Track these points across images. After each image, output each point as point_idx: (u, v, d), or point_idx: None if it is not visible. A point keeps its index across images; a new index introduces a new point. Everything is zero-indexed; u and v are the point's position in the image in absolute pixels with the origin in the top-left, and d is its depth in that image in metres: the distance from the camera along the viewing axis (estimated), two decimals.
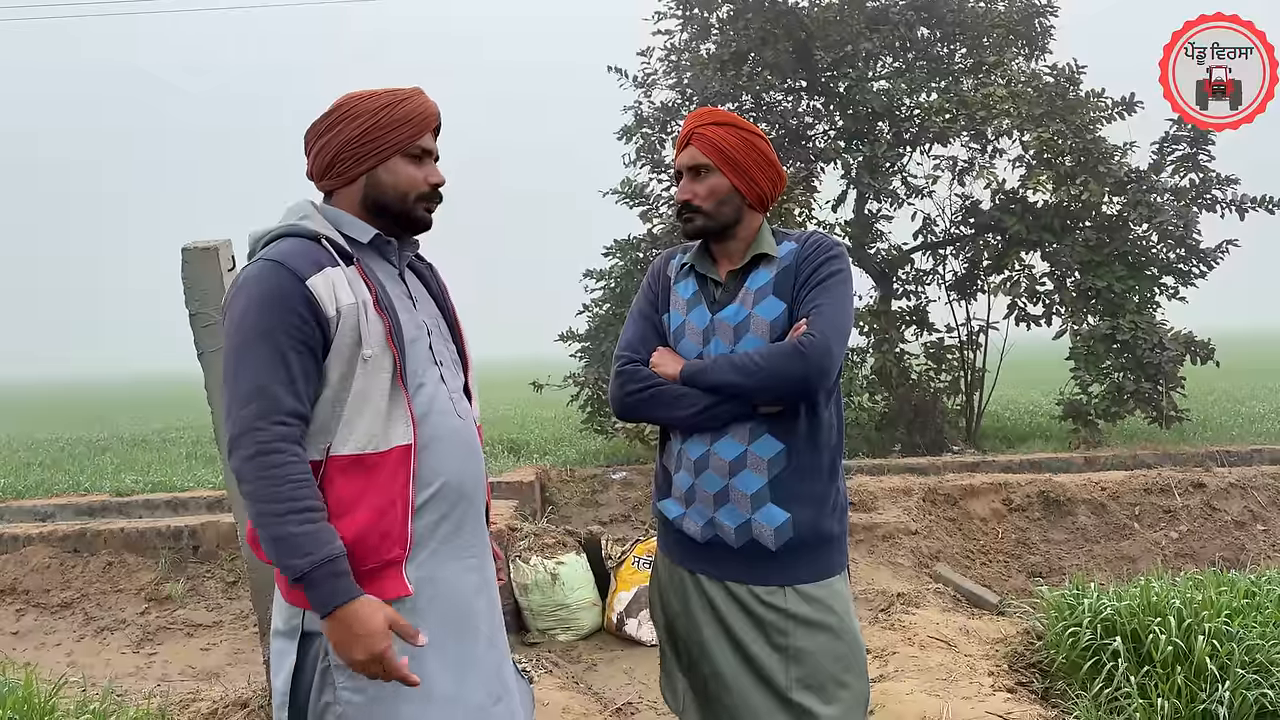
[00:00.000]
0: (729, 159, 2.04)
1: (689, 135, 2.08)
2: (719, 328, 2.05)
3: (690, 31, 9.69)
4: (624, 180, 9.41)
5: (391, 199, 1.81)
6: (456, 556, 1.80)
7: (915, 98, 9.04)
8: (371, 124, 1.77)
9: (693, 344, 2.08)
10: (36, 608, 5.39)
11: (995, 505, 6.25)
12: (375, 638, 1.60)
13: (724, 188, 2.05)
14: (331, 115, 1.80)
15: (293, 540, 1.58)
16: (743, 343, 2.02)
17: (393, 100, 1.79)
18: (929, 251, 9.61)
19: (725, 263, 2.12)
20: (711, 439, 2.02)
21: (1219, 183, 8.42)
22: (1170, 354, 8.16)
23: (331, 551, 1.60)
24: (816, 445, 2.03)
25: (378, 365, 1.70)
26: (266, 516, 1.59)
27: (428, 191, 1.83)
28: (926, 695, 3.40)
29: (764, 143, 2.09)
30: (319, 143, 1.81)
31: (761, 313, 2.01)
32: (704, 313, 2.08)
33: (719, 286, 2.09)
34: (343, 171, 1.80)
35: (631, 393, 2.09)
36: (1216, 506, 6.22)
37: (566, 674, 4.30)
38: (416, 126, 1.80)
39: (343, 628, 1.60)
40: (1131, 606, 3.59)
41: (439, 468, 1.76)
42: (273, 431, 1.61)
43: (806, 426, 2.01)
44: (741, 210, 2.08)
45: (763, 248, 2.07)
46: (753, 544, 2.00)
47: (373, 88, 1.83)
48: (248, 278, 1.69)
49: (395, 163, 1.80)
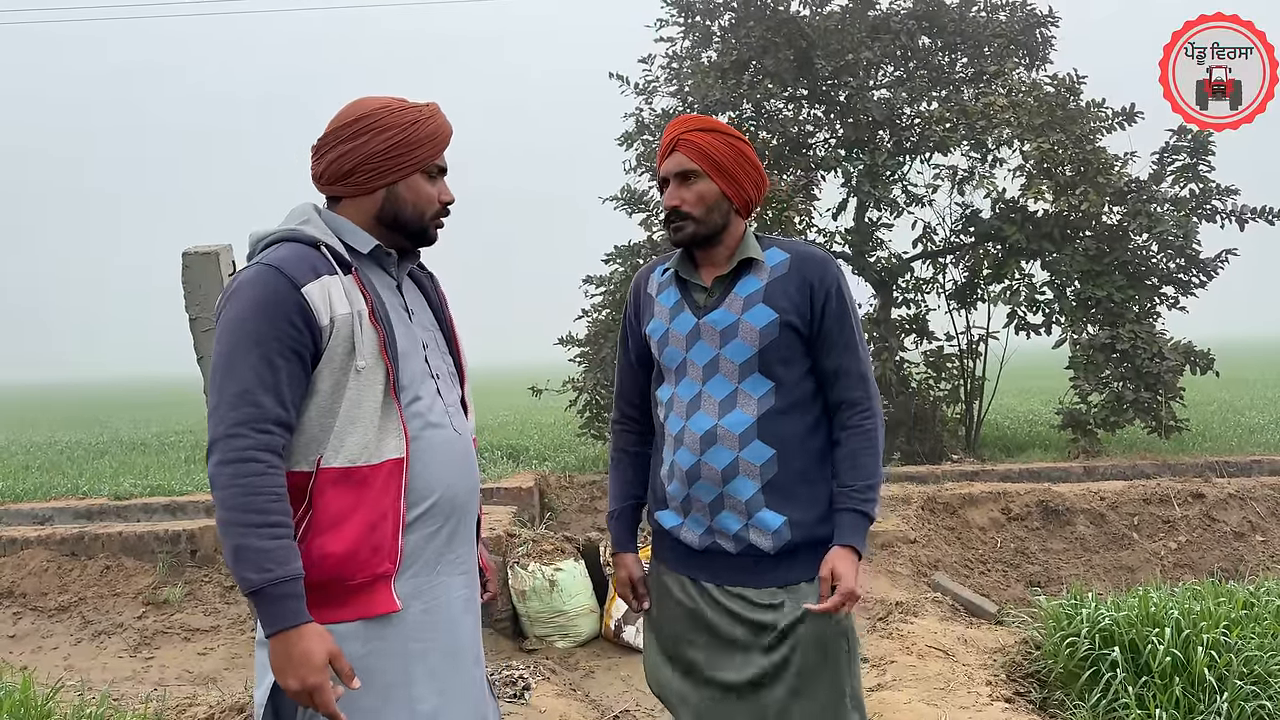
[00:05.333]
0: (716, 164, 2.03)
1: (674, 142, 2.07)
2: (705, 331, 2.05)
3: (692, 39, 9.71)
4: (624, 187, 9.43)
5: (410, 215, 1.80)
6: (446, 573, 1.78)
7: (916, 107, 9.06)
8: (401, 139, 1.75)
9: (676, 350, 2.08)
10: (34, 611, 5.39)
11: (994, 514, 6.25)
12: (311, 670, 1.55)
13: (712, 193, 2.04)
14: (358, 124, 1.76)
15: (253, 553, 1.55)
16: (729, 347, 2.01)
17: (419, 117, 1.78)
18: (929, 260, 9.62)
19: (710, 269, 2.11)
20: (702, 448, 2.01)
21: (1219, 193, 8.43)
22: (1170, 364, 8.16)
23: (289, 572, 1.56)
24: (809, 446, 2.03)
25: (371, 377, 1.68)
26: (231, 525, 1.57)
27: (440, 209, 1.84)
28: (924, 705, 3.40)
29: (748, 148, 2.09)
30: (340, 149, 1.77)
31: (751, 319, 2.01)
32: (689, 318, 2.08)
33: (705, 292, 2.09)
34: (362, 183, 1.78)
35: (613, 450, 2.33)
36: (1215, 517, 6.22)
37: (564, 681, 4.29)
38: (439, 145, 1.80)
39: (283, 652, 1.56)
40: (1130, 617, 3.58)
41: (432, 482, 1.74)
42: (254, 439, 1.58)
43: (795, 429, 2.01)
44: (729, 215, 2.07)
45: (749, 252, 2.06)
46: (750, 549, 2.01)
47: (385, 96, 1.81)
48: (243, 281, 1.67)
49: (415, 179, 1.79)
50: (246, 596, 1.58)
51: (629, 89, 9.61)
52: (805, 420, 2.03)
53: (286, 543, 1.58)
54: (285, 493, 1.61)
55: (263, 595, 1.55)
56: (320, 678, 1.56)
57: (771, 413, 2.00)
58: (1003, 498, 6.33)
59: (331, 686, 1.58)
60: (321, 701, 1.57)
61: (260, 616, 1.58)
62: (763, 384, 2.01)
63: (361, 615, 1.67)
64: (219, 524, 1.60)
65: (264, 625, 1.58)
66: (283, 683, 1.58)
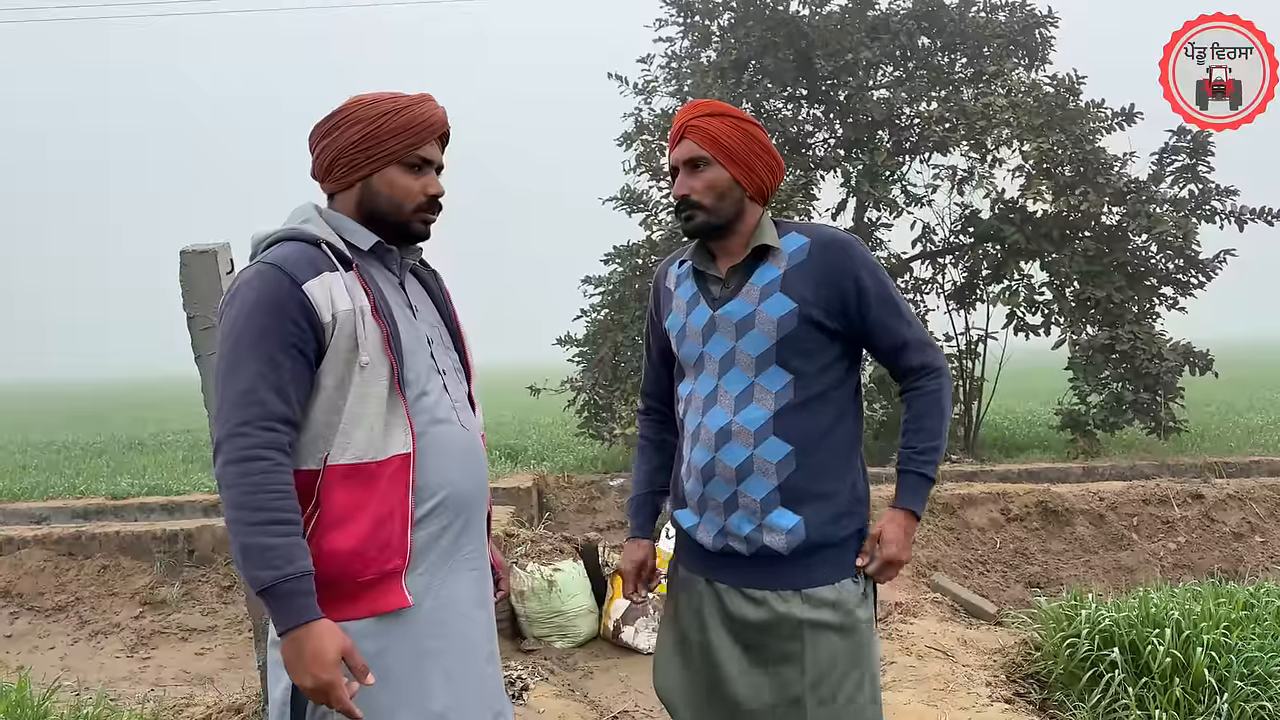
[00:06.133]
0: (726, 150, 1.95)
1: (682, 129, 2.00)
2: (721, 323, 1.99)
3: (691, 39, 9.70)
4: (624, 187, 9.43)
5: (386, 209, 1.77)
6: (457, 568, 1.78)
7: (915, 107, 9.05)
8: (369, 131, 1.73)
9: (693, 345, 2.03)
10: (31, 611, 5.38)
11: (993, 515, 6.25)
12: (323, 667, 1.53)
13: (723, 180, 1.96)
14: (334, 118, 1.76)
15: (262, 551, 1.54)
16: (745, 339, 1.95)
17: (393, 108, 1.74)
18: (928, 260, 9.61)
19: (725, 259, 2.03)
20: (717, 445, 1.96)
21: (1218, 194, 8.43)
22: (1169, 364, 8.16)
23: (299, 568, 1.55)
24: (826, 442, 1.96)
25: (375, 373, 1.67)
26: (240, 524, 1.56)
27: (425, 202, 1.79)
28: (924, 705, 3.39)
29: (760, 131, 2.01)
30: (320, 144, 1.78)
31: (769, 310, 1.94)
32: (704, 311, 2.02)
33: (720, 283, 2.03)
34: (340, 177, 1.77)
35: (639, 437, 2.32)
36: (1215, 518, 6.22)
37: (562, 681, 4.28)
38: (416, 135, 1.75)
39: (295, 649, 1.55)
40: (1129, 617, 3.58)
41: (441, 478, 1.73)
42: (259, 437, 1.58)
43: (814, 424, 1.95)
44: (743, 203, 2.00)
45: (764, 239, 1.97)
46: (764, 549, 1.95)
47: (380, 91, 1.79)
48: (245, 281, 1.67)
49: (391, 172, 1.75)
50: (258, 596, 1.57)
51: (628, 89, 9.61)
52: (827, 415, 1.96)
53: (295, 539, 1.57)
54: (292, 490, 1.60)
55: (272, 593, 1.54)
56: (333, 674, 1.54)
57: (790, 407, 1.93)
58: (1002, 498, 6.33)
59: (346, 683, 1.56)
60: (336, 698, 1.55)
61: (271, 615, 1.57)
62: (781, 377, 1.94)
63: (373, 612, 1.66)
64: (228, 523, 1.59)
65: (275, 623, 1.57)
66: (296, 680, 1.57)
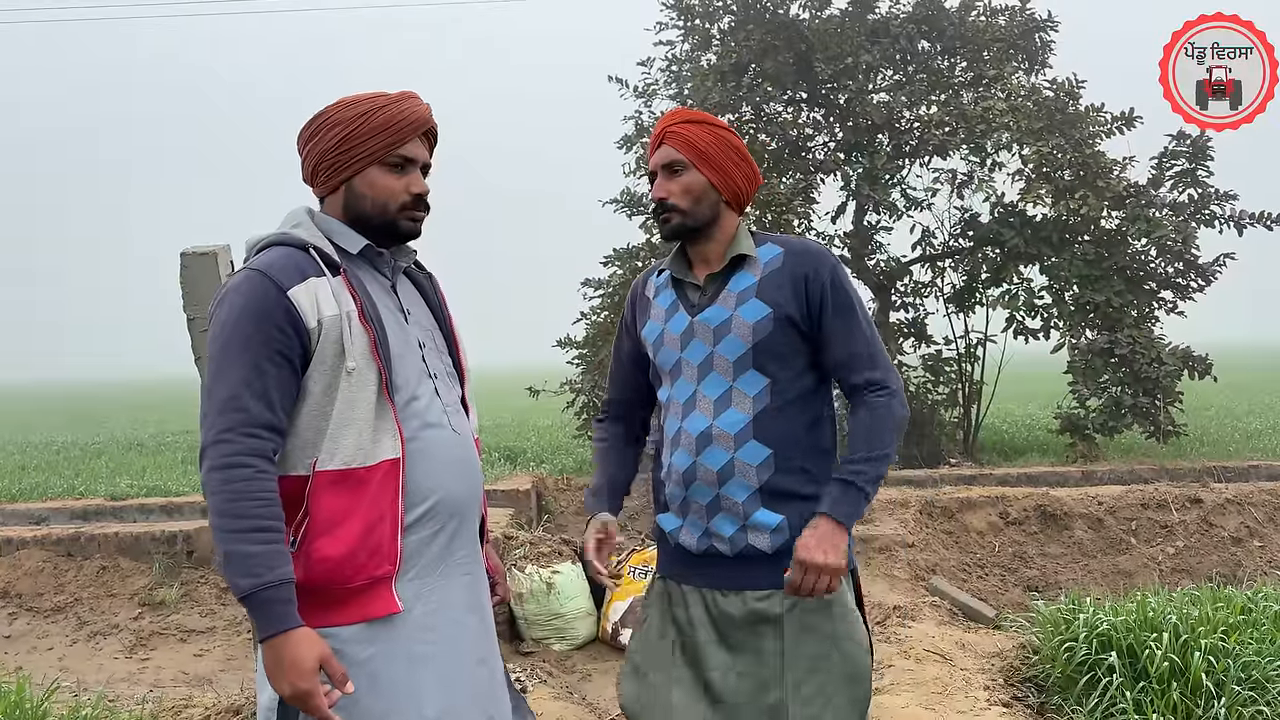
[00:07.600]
0: (703, 155, 2.01)
1: (662, 135, 2.06)
2: (698, 329, 2.03)
3: (691, 42, 9.71)
4: (623, 190, 9.44)
5: (370, 210, 1.76)
6: (448, 574, 1.77)
7: (915, 110, 9.06)
8: (347, 133, 1.72)
9: (671, 350, 2.07)
10: (29, 611, 5.38)
11: (992, 519, 6.25)
12: (301, 675, 1.53)
13: (699, 184, 2.02)
14: (315, 121, 1.76)
15: (244, 558, 1.54)
16: (722, 344, 2.00)
17: (371, 108, 1.72)
18: (928, 264, 9.62)
19: (703, 267, 2.09)
20: (698, 449, 2.00)
21: (1217, 198, 8.43)
22: (1168, 368, 8.16)
23: (278, 576, 1.55)
24: (809, 444, 2.01)
25: (362, 378, 1.67)
26: (223, 531, 1.56)
27: (409, 201, 1.77)
28: (922, 709, 3.39)
29: (737, 139, 2.07)
30: (305, 148, 1.78)
31: (745, 315, 1.99)
32: (683, 318, 2.06)
33: (699, 290, 2.07)
34: (325, 180, 1.77)
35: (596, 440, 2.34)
36: (1213, 522, 6.22)
37: (561, 684, 4.28)
38: (395, 134, 1.73)
39: (274, 657, 1.55)
40: (1128, 622, 3.58)
41: (431, 482, 1.72)
42: (243, 444, 1.57)
43: (792, 427, 1.99)
44: (719, 208, 2.05)
45: (741, 249, 2.04)
46: (748, 549, 1.99)
47: (361, 92, 1.78)
48: (232, 286, 1.67)
49: (372, 173, 1.74)
50: (240, 602, 1.58)
51: (628, 92, 9.63)
52: (804, 417, 2.01)
53: (276, 547, 1.56)
54: (275, 497, 1.59)
55: (252, 600, 1.55)
56: (309, 683, 1.54)
57: (768, 411, 1.98)
58: (1001, 502, 6.33)
59: (326, 691, 1.57)
60: (314, 706, 1.55)
61: (252, 621, 1.58)
62: (758, 381, 1.99)
63: (362, 617, 1.66)
64: (212, 530, 1.59)
65: (256, 630, 1.58)
66: (275, 688, 1.57)
